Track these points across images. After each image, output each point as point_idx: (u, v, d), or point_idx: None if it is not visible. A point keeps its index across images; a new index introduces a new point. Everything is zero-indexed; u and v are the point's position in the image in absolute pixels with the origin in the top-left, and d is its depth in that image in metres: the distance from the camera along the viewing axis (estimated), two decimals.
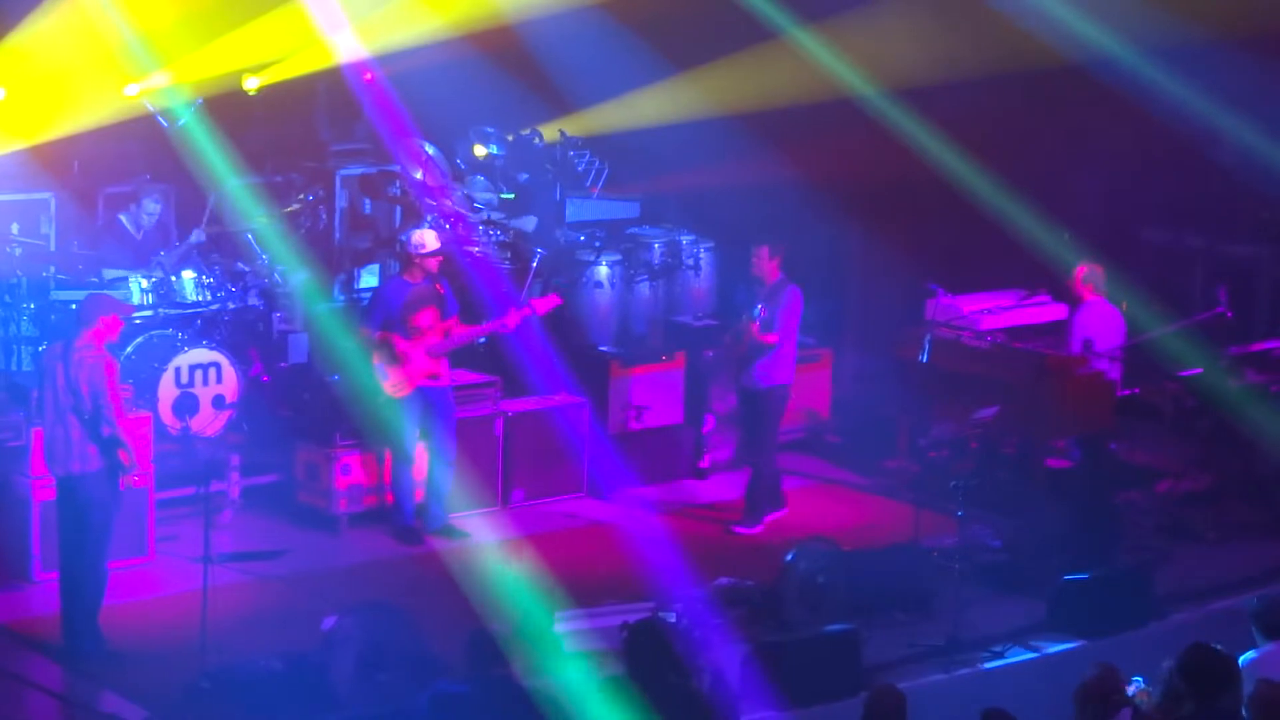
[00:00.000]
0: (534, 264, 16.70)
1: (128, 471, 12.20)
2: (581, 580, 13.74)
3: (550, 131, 18.07)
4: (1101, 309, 15.65)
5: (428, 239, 14.52)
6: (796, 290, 14.92)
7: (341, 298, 17.50)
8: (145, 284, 15.33)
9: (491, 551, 13.77)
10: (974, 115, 17.55)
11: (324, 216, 17.61)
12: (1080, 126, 18.65)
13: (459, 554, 14.28)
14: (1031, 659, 12.90)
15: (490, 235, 16.90)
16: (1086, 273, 15.71)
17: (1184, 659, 9.26)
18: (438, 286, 14.47)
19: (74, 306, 14.75)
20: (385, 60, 17.22)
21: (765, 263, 14.90)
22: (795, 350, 15.08)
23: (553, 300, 14.94)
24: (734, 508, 15.30)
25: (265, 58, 17.06)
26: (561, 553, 14.52)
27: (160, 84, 16.38)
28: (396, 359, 14.30)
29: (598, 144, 18.17)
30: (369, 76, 17.30)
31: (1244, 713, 9.38)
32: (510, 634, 11.10)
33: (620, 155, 18.10)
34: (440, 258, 14.56)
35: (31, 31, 15.82)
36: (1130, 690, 9.63)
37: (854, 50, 17.75)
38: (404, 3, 17.31)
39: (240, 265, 15.99)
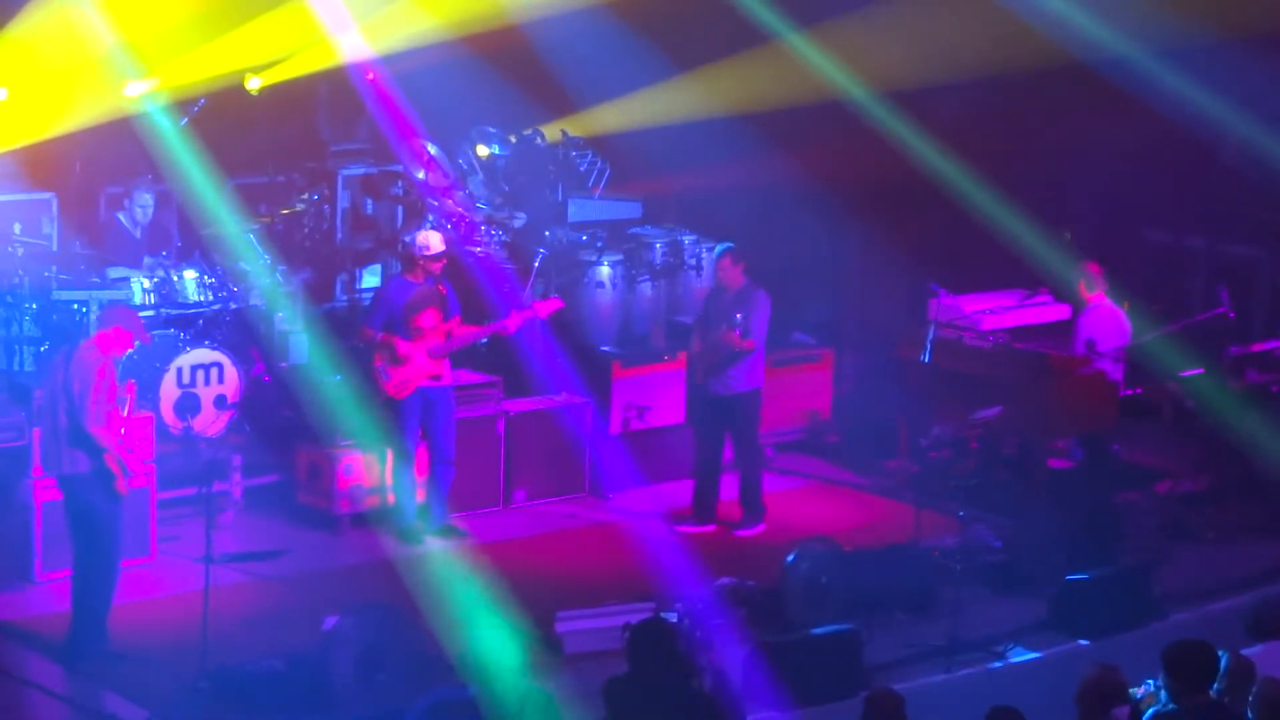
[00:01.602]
0: (536, 264, 16.73)
1: (114, 476, 12.13)
2: (583, 580, 13.79)
3: (552, 132, 18.08)
4: (1106, 310, 15.67)
5: (432, 241, 14.51)
6: (765, 294, 14.94)
7: (344, 298, 17.51)
8: (147, 284, 15.35)
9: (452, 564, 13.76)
10: (974, 115, 17.55)
11: (326, 216, 17.61)
12: (1081, 126, 18.64)
13: (460, 554, 14.30)
14: (1032, 659, 12.90)
15: (492, 235, 16.93)
16: (1089, 274, 15.72)
17: (1166, 655, 9.28)
18: (440, 287, 14.47)
19: (77, 306, 14.92)
20: (388, 60, 17.22)
21: (729, 270, 14.88)
22: (764, 354, 15.05)
23: (554, 304, 14.94)
24: (734, 508, 15.29)
25: (268, 57, 17.05)
26: (563, 553, 14.56)
27: (161, 84, 16.38)
28: (398, 359, 14.31)
29: (599, 144, 18.18)
30: (371, 76, 17.31)
31: (1248, 713, 9.40)
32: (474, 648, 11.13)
33: (622, 155, 18.10)
34: (444, 260, 14.56)
35: (32, 30, 15.81)
36: (1139, 692, 9.64)
37: (854, 52, 17.74)
38: (406, 3, 17.31)
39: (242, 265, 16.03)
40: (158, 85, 16.38)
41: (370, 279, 17.59)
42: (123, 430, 12.15)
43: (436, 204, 16.64)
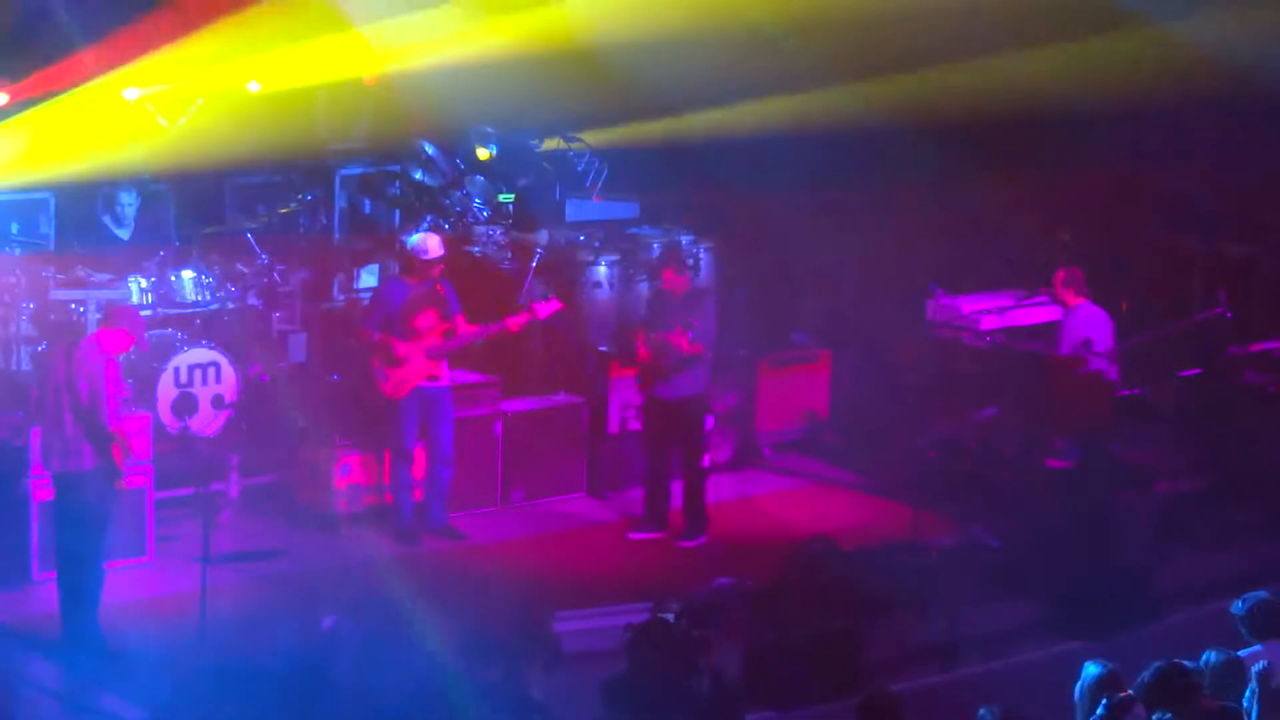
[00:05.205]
0: (534, 264, 16.72)
1: (121, 473, 12.17)
2: (581, 580, 13.77)
3: (551, 133, 18.09)
4: (1089, 311, 15.61)
5: (431, 244, 14.50)
6: (712, 297, 14.89)
7: (341, 297, 17.49)
8: (145, 284, 15.33)
9: None
10: (974, 114, 17.55)
11: (323, 217, 17.59)
12: (1081, 125, 18.63)
13: (458, 554, 14.30)
14: (1031, 659, 12.90)
15: (491, 235, 16.93)
16: (1065, 277, 15.65)
17: (1145, 687, 9.27)
18: (439, 287, 14.46)
19: (74, 306, 14.92)
20: (388, 59, 17.21)
21: (673, 280, 14.79)
22: (710, 357, 14.90)
23: (553, 305, 14.90)
24: (734, 507, 15.29)
25: (268, 57, 17.02)
26: (561, 553, 14.55)
27: (160, 84, 16.37)
28: (395, 360, 14.29)
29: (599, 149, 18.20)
30: (370, 77, 17.34)
31: (1245, 705, 9.40)
32: None
33: (621, 159, 18.11)
34: (443, 263, 14.54)
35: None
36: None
37: (850, 47, 17.72)
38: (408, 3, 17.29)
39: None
40: (156, 86, 16.37)
41: (368, 279, 17.57)
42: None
43: (435, 204, 16.65)
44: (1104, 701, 9.18)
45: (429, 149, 17.26)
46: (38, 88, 15.84)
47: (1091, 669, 9.49)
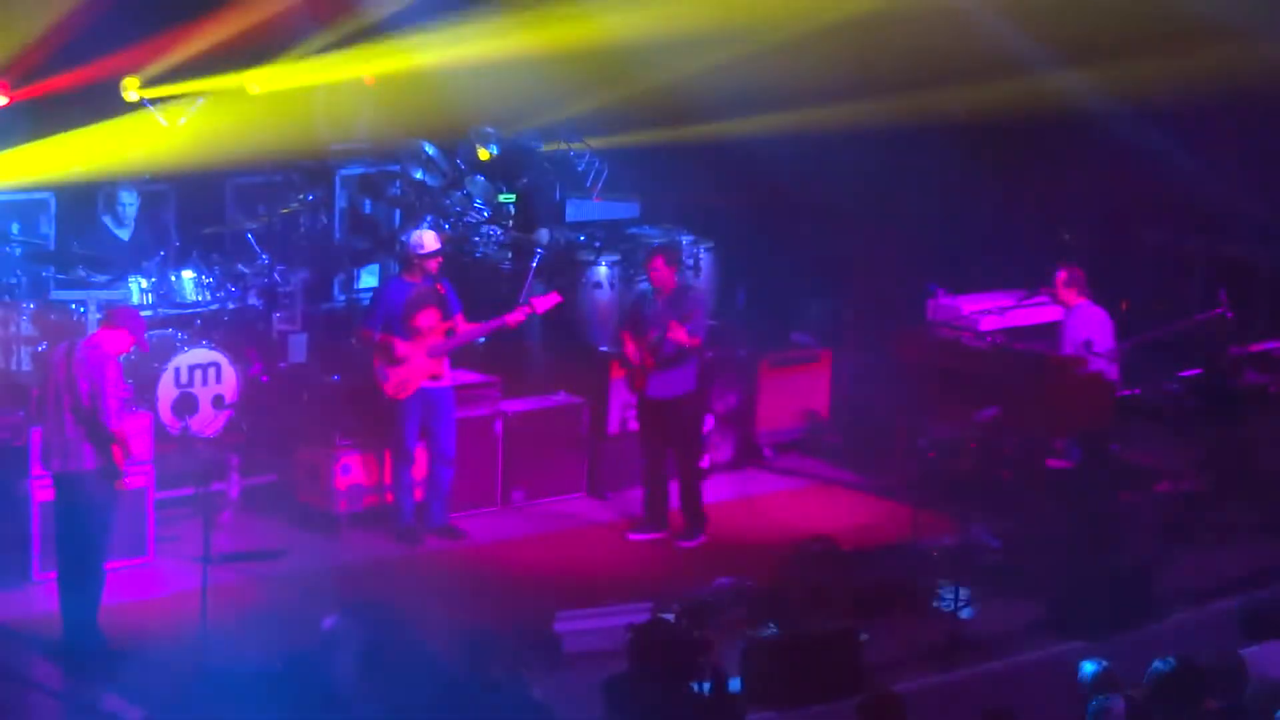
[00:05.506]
0: (534, 264, 16.73)
1: (121, 474, 12.18)
2: (581, 580, 13.77)
3: (550, 133, 18.11)
4: (1089, 311, 15.61)
5: (427, 239, 14.51)
6: (701, 291, 14.88)
7: (342, 297, 17.51)
8: (145, 284, 15.35)
9: None
10: (974, 115, 17.55)
11: (324, 217, 17.61)
12: (1080, 124, 18.65)
13: (459, 554, 14.30)
14: (1031, 659, 12.89)
15: (491, 235, 16.94)
16: (1067, 277, 15.64)
17: (1150, 685, 9.27)
18: (439, 287, 14.46)
19: (74, 306, 14.94)
20: (388, 60, 17.24)
21: (663, 271, 14.75)
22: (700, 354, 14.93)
23: (553, 298, 14.92)
24: (734, 507, 15.29)
25: (269, 58, 17.06)
26: (561, 553, 14.55)
27: (161, 84, 16.39)
28: (397, 360, 14.29)
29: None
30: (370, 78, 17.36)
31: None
32: None
33: (621, 159, 18.11)
34: (441, 258, 14.55)
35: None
36: None
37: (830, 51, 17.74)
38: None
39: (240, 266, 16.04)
40: (156, 86, 16.39)
41: (368, 279, 17.60)
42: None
43: (434, 204, 16.68)
44: (1092, 704, 9.21)
45: (429, 149, 17.28)
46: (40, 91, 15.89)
47: (1088, 667, 9.51)
